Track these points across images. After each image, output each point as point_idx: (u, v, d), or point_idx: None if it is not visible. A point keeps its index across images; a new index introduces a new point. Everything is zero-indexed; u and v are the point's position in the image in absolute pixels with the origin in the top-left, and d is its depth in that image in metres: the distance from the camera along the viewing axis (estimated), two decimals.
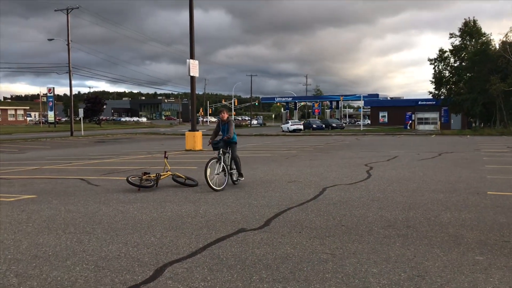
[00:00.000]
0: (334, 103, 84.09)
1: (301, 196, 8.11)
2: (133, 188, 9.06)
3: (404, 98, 76.88)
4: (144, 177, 9.22)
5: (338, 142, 28.57)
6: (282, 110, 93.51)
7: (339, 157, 16.81)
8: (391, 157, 16.15)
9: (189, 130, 23.58)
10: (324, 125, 55.97)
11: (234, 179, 9.79)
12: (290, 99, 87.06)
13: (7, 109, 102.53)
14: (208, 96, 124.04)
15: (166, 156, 10.35)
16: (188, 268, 4.27)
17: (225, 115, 9.90)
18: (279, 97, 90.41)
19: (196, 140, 22.59)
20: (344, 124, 64.10)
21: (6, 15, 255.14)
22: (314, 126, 54.74)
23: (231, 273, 4.13)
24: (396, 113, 64.01)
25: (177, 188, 9.30)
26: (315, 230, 5.67)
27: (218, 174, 9.14)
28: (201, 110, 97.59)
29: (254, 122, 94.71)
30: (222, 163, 9.25)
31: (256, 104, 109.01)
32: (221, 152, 9.36)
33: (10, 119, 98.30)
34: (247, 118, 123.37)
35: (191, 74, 22.90)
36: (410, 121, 56.52)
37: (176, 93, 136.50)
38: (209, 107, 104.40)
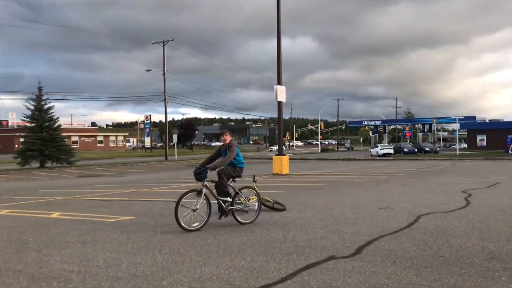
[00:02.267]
0: (427, 126, 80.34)
1: (394, 224, 7.78)
2: None
3: (505, 120, 71.41)
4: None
5: (432, 167, 27.17)
6: (371, 133, 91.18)
7: (434, 183, 15.94)
8: (492, 183, 15.00)
9: (276, 155, 23.80)
10: (416, 149, 53.56)
11: (239, 218, 8.10)
12: (379, 122, 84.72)
13: (109, 136, 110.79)
14: (295, 120, 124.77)
15: (255, 180, 10.49)
16: None
17: (228, 138, 8.24)
18: (367, 121, 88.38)
19: (283, 164, 22.72)
20: (438, 148, 60.85)
21: (114, 50, 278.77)
22: (405, 150, 52.61)
23: None
24: (496, 136, 59.54)
25: (265, 212, 9.36)
26: (410, 260, 5.39)
27: (194, 210, 7.54)
28: (287, 134, 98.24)
29: (330, 142, 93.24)
30: (202, 197, 7.62)
31: (343, 128, 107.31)
32: (205, 184, 7.75)
33: (111, 144, 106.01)
34: (333, 142, 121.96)
35: (279, 100, 23.24)
36: None
37: (263, 118, 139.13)
38: (296, 131, 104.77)
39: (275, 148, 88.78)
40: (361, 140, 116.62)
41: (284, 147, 35.14)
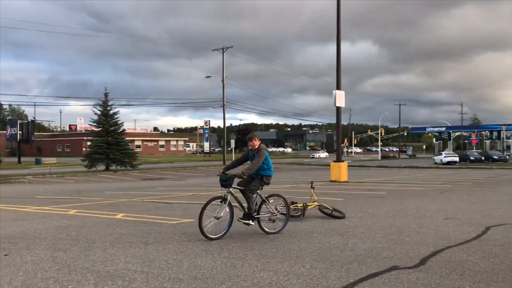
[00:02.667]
0: (495, 133, 76.30)
1: (461, 235, 7.40)
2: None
3: None
4: (292, 206, 9.36)
5: (501, 176, 25.71)
6: (434, 140, 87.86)
7: (504, 193, 15.06)
8: None
9: (334, 161, 23.45)
10: (483, 157, 50.89)
11: (264, 227, 7.73)
12: (443, 129, 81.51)
13: (170, 140, 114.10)
14: (353, 126, 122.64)
15: (313, 186, 10.39)
16: None
17: (256, 143, 7.67)
18: (430, 127, 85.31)
19: (341, 171, 22.34)
20: (507, 157, 57.51)
21: (176, 57, 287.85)
22: (471, 158, 50.14)
23: None
24: None
25: (324, 219, 9.23)
26: (480, 274, 5.09)
27: (218, 218, 7.24)
28: (345, 140, 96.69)
29: (388, 149, 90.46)
30: (227, 204, 7.30)
31: (405, 134, 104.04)
32: (230, 191, 7.40)
33: (172, 149, 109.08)
34: (394, 149, 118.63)
35: (337, 105, 22.93)
36: None
37: (320, 124, 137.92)
38: (354, 137, 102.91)
39: (323, 155, 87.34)
40: (424, 147, 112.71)
41: (342, 154, 34.58)
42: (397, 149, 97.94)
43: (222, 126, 56.78)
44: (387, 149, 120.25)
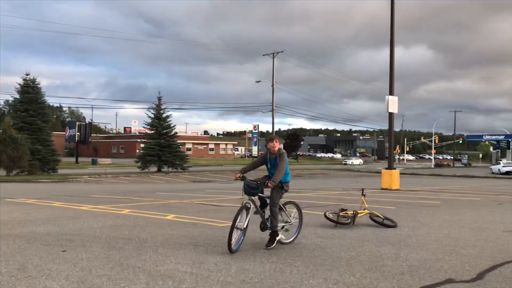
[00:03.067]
0: None
1: None
2: (330, 223, 9.11)
3: None
4: (341, 213, 9.21)
5: None
6: (491, 149, 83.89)
7: None
8: None
9: (386, 168, 22.89)
10: None
11: (283, 238, 7.21)
12: (501, 137, 77.69)
13: (219, 144, 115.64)
14: (406, 133, 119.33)
15: (364, 193, 10.18)
16: None
17: (277, 145, 7.13)
18: (487, 135, 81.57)
19: (393, 178, 21.77)
20: None
21: (227, 62, 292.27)
22: None
23: None
24: None
25: (375, 228, 9.00)
26: None
27: (241, 229, 6.68)
28: (397, 147, 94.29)
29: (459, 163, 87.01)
30: (248, 216, 6.76)
31: (460, 142, 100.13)
32: (252, 199, 6.86)
33: (221, 152, 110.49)
34: (449, 157, 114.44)
35: (390, 111, 22.39)
36: None
37: (371, 129, 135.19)
38: (407, 144, 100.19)
39: (356, 161, 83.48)
40: (480, 156, 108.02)
41: (394, 161, 33.70)
42: (452, 157, 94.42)
43: (270, 130, 56.92)
44: (440, 157, 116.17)
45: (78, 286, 4.87)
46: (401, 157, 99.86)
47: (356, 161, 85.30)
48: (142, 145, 50.53)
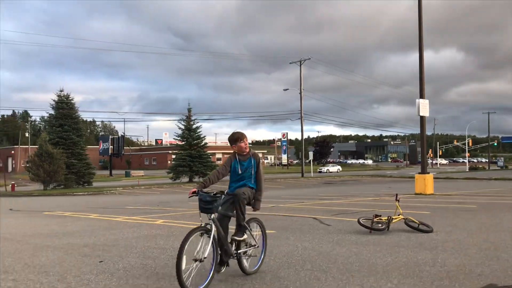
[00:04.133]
0: None
1: None
2: (364, 230, 8.98)
3: None
4: (375, 219, 9.07)
5: None
6: None
7: None
8: None
9: (419, 173, 22.46)
10: None
11: (244, 264, 5.59)
12: None
13: None
14: (438, 136, 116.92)
15: (398, 199, 10.01)
16: None
17: (246, 146, 5.61)
18: None
19: (427, 183, 21.32)
20: None
21: (255, 72, 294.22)
22: None
23: None
24: None
25: (410, 233, 8.83)
26: None
27: (202, 260, 4.85)
28: (430, 151, 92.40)
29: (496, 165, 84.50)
30: (211, 237, 5.00)
31: (495, 144, 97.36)
32: (213, 218, 5.11)
33: None
34: (483, 160, 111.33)
35: (421, 114, 22.01)
36: None
37: (402, 134, 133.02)
38: (439, 148, 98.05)
39: (333, 168, 73.01)
40: None
41: (427, 165, 33.01)
42: (487, 160, 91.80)
43: (299, 138, 56.81)
44: (475, 160, 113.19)
45: None
46: (434, 161, 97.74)
47: (333, 168, 75.39)
48: (173, 156, 51.18)
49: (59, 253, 7.57)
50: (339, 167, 77.97)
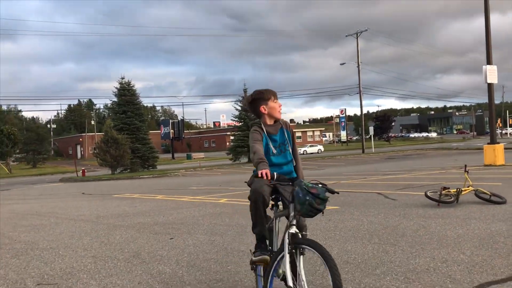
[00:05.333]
0: None
1: None
2: (432, 203, 8.71)
3: None
4: (443, 192, 8.76)
5: None
6: None
7: None
8: None
9: (488, 143, 21.37)
10: None
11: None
12: None
13: (306, 131, 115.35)
14: (508, 105, 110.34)
15: (467, 170, 9.59)
16: None
17: (280, 108, 3.88)
18: None
19: (497, 154, 20.24)
20: None
21: (311, 49, 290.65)
22: None
23: None
24: None
25: (481, 205, 8.46)
26: None
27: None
28: (499, 121, 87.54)
29: None
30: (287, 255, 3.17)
31: None
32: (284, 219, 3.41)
33: (308, 139, 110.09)
34: None
35: (488, 81, 20.80)
36: None
37: (468, 104, 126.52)
38: (509, 117, 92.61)
39: (312, 149, 62.30)
40: None
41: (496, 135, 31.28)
42: None
43: (358, 113, 55.61)
44: None
45: (188, 270, 5.16)
46: (503, 131, 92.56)
47: (312, 148, 65.44)
48: (232, 138, 51.90)
49: (131, 232, 7.96)
50: (320, 147, 67.35)
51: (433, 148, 50.81)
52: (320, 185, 3.27)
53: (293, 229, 3.23)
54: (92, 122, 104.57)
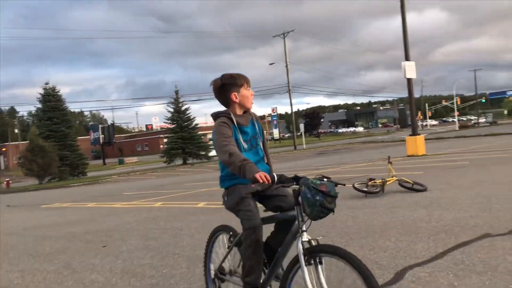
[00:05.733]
0: None
1: None
2: (360, 194, 9.13)
3: None
4: (369, 183, 9.23)
5: None
6: None
7: None
8: None
9: (410, 135, 22.68)
10: None
11: None
12: None
13: None
14: (427, 98, 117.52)
15: (390, 161, 10.16)
16: (431, 273, 4.07)
17: (252, 96, 3.32)
18: (511, 91, 79.69)
19: (418, 144, 21.54)
20: None
21: (241, 49, 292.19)
22: None
23: (482, 280, 3.77)
24: None
25: (405, 194, 9.00)
26: None
27: None
28: (419, 113, 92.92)
29: (482, 120, 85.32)
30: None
31: (483, 101, 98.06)
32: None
33: None
34: (473, 117, 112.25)
35: (407, 76, 22.06)
36: None
37: (391, 99, 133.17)
38: (428, 109, 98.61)
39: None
40: (506, 112, 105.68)
41: (417, 127, 33.22)
42: (476, 118, 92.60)
43: (289, 111, 56.82)
44: (464, 119, 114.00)
45: (122, 276, 5.06)
46: (424, 123, 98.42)
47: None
48: (165, 140, 51.14)
49: (62, 242, 7.65)
50: None
51: (360, 142, 53.00)
52: (326, 180, 2.81)
53: (305, 237, 2.79)
54: (16, 131, 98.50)
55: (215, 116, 3.25)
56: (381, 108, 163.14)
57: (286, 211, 3.11)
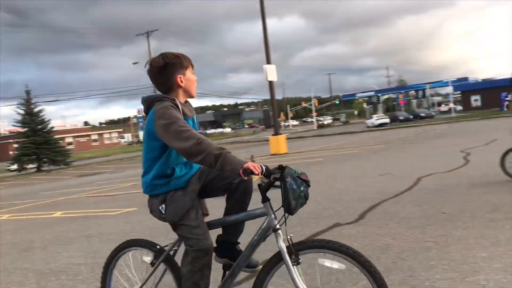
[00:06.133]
0: (420, 93, 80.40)
1: (395, 188, 7.81)
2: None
3: (498, 78, 71.31)
4: None
5: (428, 132, 27.25)
6: (365, 105, 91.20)
7: (432, 146, 16.00)
8: (489, 141, 15.06)
9: (273, 135, 23.78)
10: (411, 116, 53.64)
11: None
12: (372, 93, 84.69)
13: (102, 133, 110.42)
14: (289, 100, 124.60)
15: (253, 160, 10.50)
16: None
17: (195, 80, 2.82)
18: (360, 93, 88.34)
19: (280, 143, 22.71)
20: (433, 113, 60.83)
21: (103, 47, 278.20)
22: (400, 118, 52.60)
23: None
24: (490, 95, 59.62)
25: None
26: (414, 220, 5.41)
27: None
28: (281, 114, 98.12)
29: (329, 121, 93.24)
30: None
31: (337, 102, 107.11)
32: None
33: (106, 142, 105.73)
34: (329, 118, 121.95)
35: (269, 79, 23.08)
36: (507, 102, 52.29)
37: (256, 100, 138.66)
38: (290, 110, 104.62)
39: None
40: (356, 113, 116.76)
41: (279, 127, 34.98)
42: (331, 118, 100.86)
43: None
44: (322, 119, 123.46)
45: None
46: (286, 123, 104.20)
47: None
48: (16, 146, 46.37)
49: None
50: None
51: (228, 142, 54.12)
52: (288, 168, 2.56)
53: (283, 233, 2.57)
54: None
55: (153, 100, 2.60)
56: (246, 109, 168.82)
57: (233, 184, 2.81)
